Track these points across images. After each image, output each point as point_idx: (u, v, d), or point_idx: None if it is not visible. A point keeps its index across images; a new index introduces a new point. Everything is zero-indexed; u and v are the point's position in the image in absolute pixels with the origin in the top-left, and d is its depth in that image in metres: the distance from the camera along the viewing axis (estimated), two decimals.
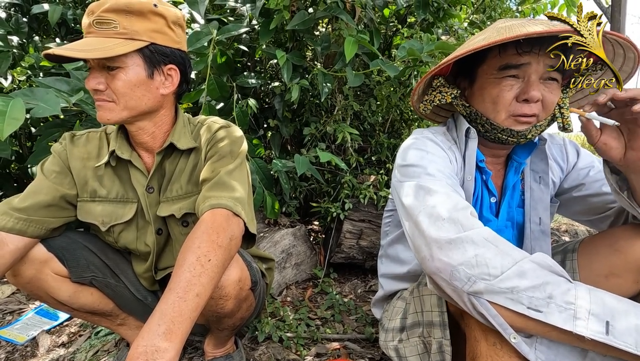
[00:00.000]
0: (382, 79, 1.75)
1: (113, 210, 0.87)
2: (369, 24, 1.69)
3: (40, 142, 1.44)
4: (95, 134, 0.91)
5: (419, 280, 0.86)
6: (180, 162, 0.87)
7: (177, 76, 0.82)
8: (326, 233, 1.75)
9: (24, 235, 0.80)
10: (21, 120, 0.95)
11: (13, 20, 1.68)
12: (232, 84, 1.58)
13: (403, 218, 0.75)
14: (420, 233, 0.66)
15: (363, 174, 1.75)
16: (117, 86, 0.74)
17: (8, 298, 1.41)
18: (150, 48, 0.76)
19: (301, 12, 1.51)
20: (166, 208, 0.86)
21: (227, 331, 0.94)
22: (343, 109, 1.74)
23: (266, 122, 1.81)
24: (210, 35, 1.37)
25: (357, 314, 1.38)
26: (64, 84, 1.22)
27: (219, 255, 0.65)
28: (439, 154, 0.80)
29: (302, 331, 1.23)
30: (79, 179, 0.87)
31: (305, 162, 1.43)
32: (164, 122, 0.85)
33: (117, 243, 0.91)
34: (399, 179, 0.81)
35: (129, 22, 0.73)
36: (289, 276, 1.56)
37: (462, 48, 0.76)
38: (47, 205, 0.83)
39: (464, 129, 0.84)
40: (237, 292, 0.80)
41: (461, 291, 0.60)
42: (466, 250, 0.60)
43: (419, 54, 1.37)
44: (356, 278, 1.69)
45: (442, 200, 0.68)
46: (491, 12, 2.23)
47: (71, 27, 1.83)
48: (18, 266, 0.82)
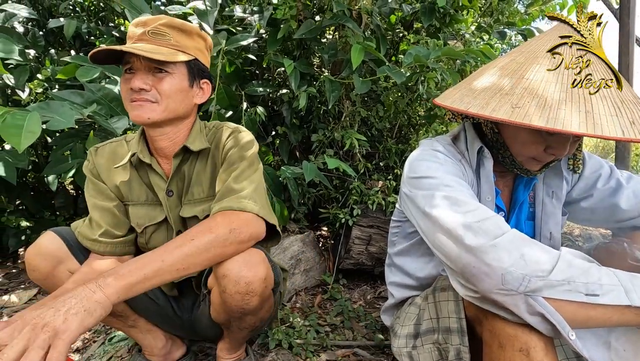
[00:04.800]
0: (389, 85, 1.76)
1: (146, 212, 0.93)
2: (375, 31, 1.71)
3: (56, 152, 1.49)
4: (116, 142, 0.96)
5: (434, 286, 0.85)
6: (197, 165, 0.92)
7: (209, 89, 0.93)
8: (335, 239, 1.76)
9: (117, 255, 0.91)
10: (37, 133, 0.98)
11: (30, 35, 1.74)
12: (240, 92, 1.60)
13: (428, 229, 0.74)
14: (457, 242, 0.65)
15: (371, 180, 1.75)
16: (164, 88, 0.82)
17: (26, 303, 1.45)
18: (194, 62, 0.87)
19: (308, 21, 1.53)
20: (189, 210, 0.91)
21: (246, 331, 0.95)
22: (350, 115, 1.75)
23: (274, 129, 1.83)
24: (220, 45, 1.40)
25: (366, 320, 1.38)
26: (78, 97, 1.26)
27: (204, 239, 0.72)
28: (451, 166, 0.81)
29: (312, 337, 1.23)
30: (112, 187, 0.92)
31: (314, 169, 1.44)
32: (186, 129, 0.91)
33: (147, 244, 0.95)
34: (410, 191, 0.81)
35: (180, 37, 0.84)
36: (298, 282, 1.57)
37: (499, 101, 0.69)
38: (117, 221, 0.91)
39: (476, 147, 0.84)
40: (263, 289, 0.82)
41: (516, 294, 0.59)
42: (511, 252, 0.60)
43: (425, 60, 1.37)
44: (365, 284, 1.68)
45: (471, 209, 0.68)
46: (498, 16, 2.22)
47: (85, 40, 1.89)
48: (37, 261, 0.86)
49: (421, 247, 0.95)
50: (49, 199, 1.85)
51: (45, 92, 1.62)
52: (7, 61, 1.50)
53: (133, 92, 0.80)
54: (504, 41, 2.22)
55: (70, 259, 0.88)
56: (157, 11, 1.40)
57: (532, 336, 0.61)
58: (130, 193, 0.93)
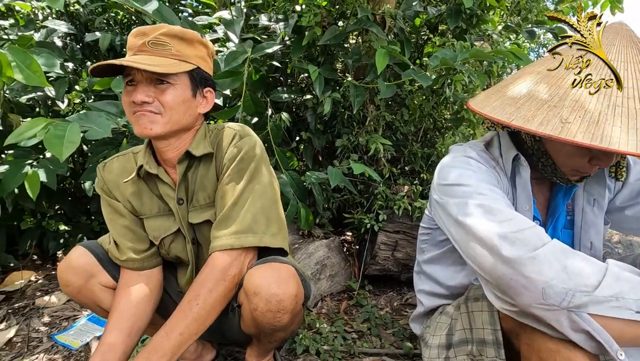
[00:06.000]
0: (414, 88, 1.74)
1: (161, 224, 0.92)
2: (398, 34, 1.69)
3: (92, 159, 1.56)
4: (123, 156, 0.95)
5: (466, 295, 0.83)
6: (200, 171, 0.89)
7: (212, 97, 0.90)
8: (360, 244, 1.74)
9: (147, 269, 0.94)
10: (77, 143, 1.03)
11: (69, 49, 1.84)
12: (265, 99, 1.63)
13: (460, 238, 0.72)
14: (492, 253, 0.63)
15: (396, 185, 1.73)
16: (166, 99, 0.79)
17: (64, 305, 1.52)
18: (196, 71, 0.84)
19: (332, 27, 1.54)
20: (196, 216, 0.90)
21: (276, 343, 0.96)
22: (375, 119, 1.74)
23: (298, 134, 1.84)
24: (246, 54, 1.43)
25: (394, 328, 1.36)
26: (113, 107, 1.32)
27: (209, 299, 0.78)
28: (485, 173, 0.78)
29: (339, 344, 1.22)
30: (124, 202, 0.92)
31: (339, 174, 1.44)
32: (191, 137, 0.88)
33: (168, 254, 0.95)
34: (441, 198, 0.79)
35: (181, 46, 0.81)
36: (323, 288, 1.57)
37: (545, 115, 0.65)
38: (137, 236, 0.92)
39: (511, 155, 0.81)
40: (294, 306, 0.81)
41: (558, 309, 0.56)
42: (552, 264, 0.57)
43: (453, 62, 1.35)
44: (391, 291, 1.66)
45: (507, 218, 0.66)
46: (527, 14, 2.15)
47: (118, 52, 1.97)
48: (69, 276, 0.89)
49: (452, 255, 0.93)
50: (84, 204, 1.93)
51: (82, 102, 1.71)
52: (48, 74, 1.59)
53: (135, 105, 0.79)
54: (533, 40, 2.15)
55: (101, 273, 0.91)
56: (187, 23, 1.45)
57: (576, 353, 0.58)
58: (142, 206, 0.92)
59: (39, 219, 1.76)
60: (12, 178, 1.31)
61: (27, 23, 1.71)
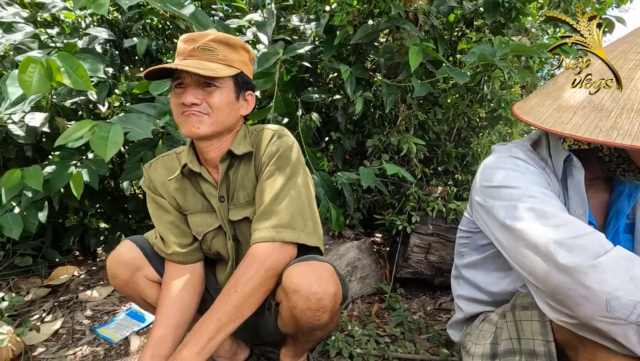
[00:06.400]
0: (448, 86, 1.68)
1: (203, 220, 0.96)
2: (430, 31, 1.65)
3: (130, 160, 1.62)
4: (167, 156, 1.00)
5: (513, 303, 0.78)
6: (241, 170, 0.93)
7: (253, 100, 0.94)
8: (391, 246, 1.71)
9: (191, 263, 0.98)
10: (120, 144, 1.07)
11: (108, 54, 1.92)
12: (296, 99, 1.63)
13: (508, 243, 0.68)
14: (547, 260, 0.59)
15: (429, 186, 1.68)
16: (214, 101, 0.84)
17: (104, 299, 1.58)
18: (240, 75, 0.88)
19: (364, 26, 1.52)
20: (237, 213, 0.93)
21: (313, 343, 0.95)
22: (406, 119, 1.70)
23: (328, 135, 1.83)
24: (277, 55, 1.44)
25: (428, 333, 1.32)
26: (152, 109, 1.36)
27: (246, 287, 0.79)
28: (535, 175, 0.73)
29: (372, 348, 1.20)
30: (169, 198, 0.96)
31: (371, 175, 1.42)
32: (232, 138, 0.92)
33: (210, 250, 0.98)
34: (485, 201, 0.75)
35: (227, 52, 0.86)
36: (354, 290, 1.55)
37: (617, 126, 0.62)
38: (182, 231, 0.95)
39: (563, 155, 0.76)
40: (333, 305, 0.81)
41: (625, 323, 0.51)
42: (617, 273, 0.52)
43: (492, 58, 1.29)
44: (424, 295, 1.61)
45: (563, 222, 0.61)
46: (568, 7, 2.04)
47: (154, 56, 2.04)
48: (117, 269, 0.93)
49: (495, 261, 0.88)
50: (122, 203, 2.01)
51: (120, 105, 1.78)
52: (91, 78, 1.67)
53: (184, 106, 0.83)
54: None
55: (147, 267, 0.95)
56: (221, 26, 1.47)
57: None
58: (186, 203, 0.96)
59: (81, 217, 1.85)
60: (59, 178, 1.38)
61: (72, 31, 1.80)
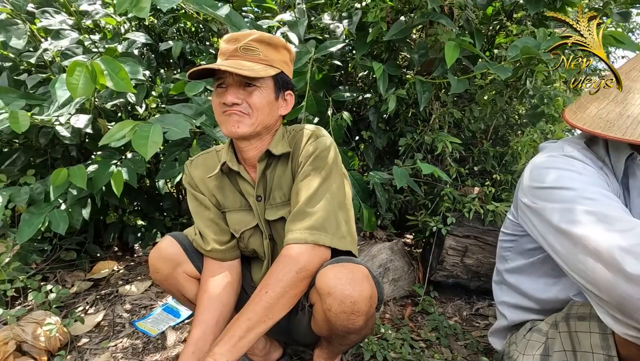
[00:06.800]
0: (486, 82, 1.61)
1: (241, 218, 0.97)
2: (464, 25, 1.58)
3: (165, 160, 1.67)
4: (207, 154, 1.01)
5: (567, 312, 0.73)
6: (278, 170, 0.93)
7: (292, 100, 0.94)
8: (424, 248, 1.66)
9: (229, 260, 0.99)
10: (160, 143, 1.10)
11: (145, 58, 1.99)
12: (327, 98, 1.62)
13: (565, 249, 0.64)
14: (612, 268, 0.55)
15: (465, 186, 1.62)
16: (254, 101, 0.84)
17: (142, 294, 1.64)
18: (280, 75, 0.88)
19: (398, 22, 1.48)
20: (273, 213, 0.93)
21: (347, 346, 0.94)
22: (441, 117, 1.65)
23: (358, 134, 1.81)
24: (309, 54, 1.43)
25: (465, 340, 1.26)
26: (188, 110, 1.39)
27: (277, 288, 0.78)
28: (594, 175, 0.68)
29: (407, 352, 1.16)
30: (209, 195, 0.98)
31: (405, 175, 1.38)
32: (271, 137, 0.92)
33: (247, 248, 0.99)
34: (534, 203, 0.71)
35: (268, 52, 0.86)
36: (386, 292, 1.51)
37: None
38: (221, 228, 0.97)
39: (624, 153, 0.70)
40: (368, 308, 0.79)
41: None
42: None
43: (536, 51, 1.22)
44: (459, 299, 1.55)
45: (629, 227, 0.57)
46: None
47: (188, 58, 2.10)
48: (159, 264, 0.96)
49: (544, 266, 0.83)
50: (158, 201, 2.08)
51: (157, 107, 1.84)
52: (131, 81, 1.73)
53: (225, 106, 0.84)
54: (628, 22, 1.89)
55: (186, 263, 0.97)
56: (254, 26, 1.48)
57: None
58: (225, 200, 0.97)
59: (120, 215, 1.93)
60: (101, 177, 1.45)
61: (113, 36, 1.88)
